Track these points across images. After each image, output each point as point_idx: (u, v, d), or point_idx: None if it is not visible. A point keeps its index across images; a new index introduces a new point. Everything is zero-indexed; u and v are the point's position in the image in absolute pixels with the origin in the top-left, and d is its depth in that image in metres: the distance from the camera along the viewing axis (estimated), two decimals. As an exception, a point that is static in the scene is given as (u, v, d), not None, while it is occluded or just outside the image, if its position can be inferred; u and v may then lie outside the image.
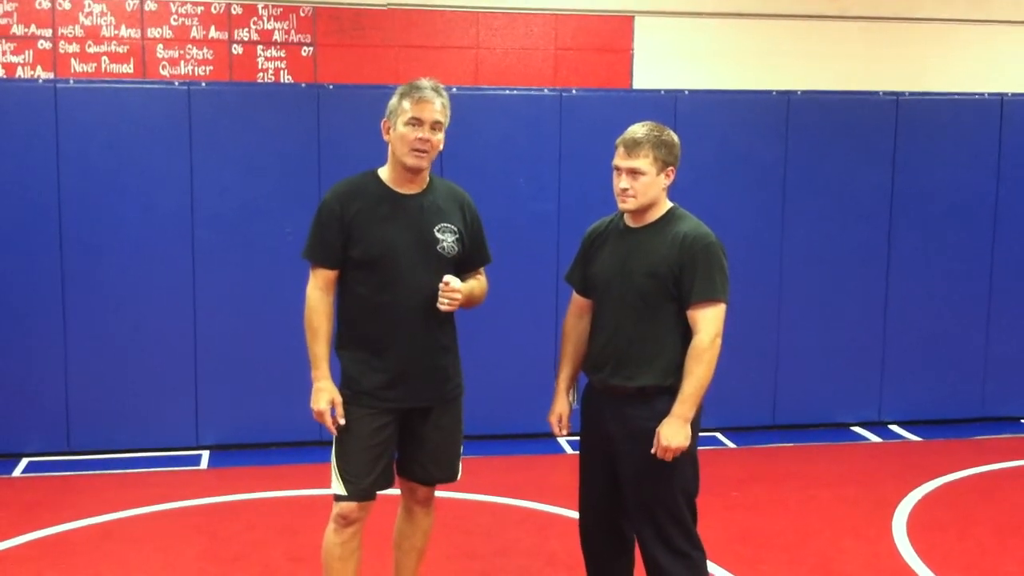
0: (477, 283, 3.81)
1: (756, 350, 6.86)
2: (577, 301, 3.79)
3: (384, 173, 3.67)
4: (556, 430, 3.81)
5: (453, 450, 3.86)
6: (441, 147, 3.64)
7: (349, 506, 3.62)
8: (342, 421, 3.58)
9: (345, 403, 3.61)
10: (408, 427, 3.71)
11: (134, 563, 4.72)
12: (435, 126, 3.57)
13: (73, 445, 6.27)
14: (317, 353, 3.60)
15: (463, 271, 3.73)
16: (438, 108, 3.57)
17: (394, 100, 3.61)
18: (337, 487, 3.63)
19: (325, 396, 3.58)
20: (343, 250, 3.56)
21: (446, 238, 3.64)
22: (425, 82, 3.60)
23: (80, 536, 5.06)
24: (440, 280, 3.55)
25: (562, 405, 3.82)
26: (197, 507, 5.46)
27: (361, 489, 3.62)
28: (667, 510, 3.49)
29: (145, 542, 4.98)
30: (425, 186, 3.68)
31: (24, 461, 6.17)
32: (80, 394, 6.22)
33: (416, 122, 3.53)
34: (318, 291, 3.61)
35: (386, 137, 3.64)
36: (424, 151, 3.55)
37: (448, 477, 3.86)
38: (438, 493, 3.94)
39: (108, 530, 5.13)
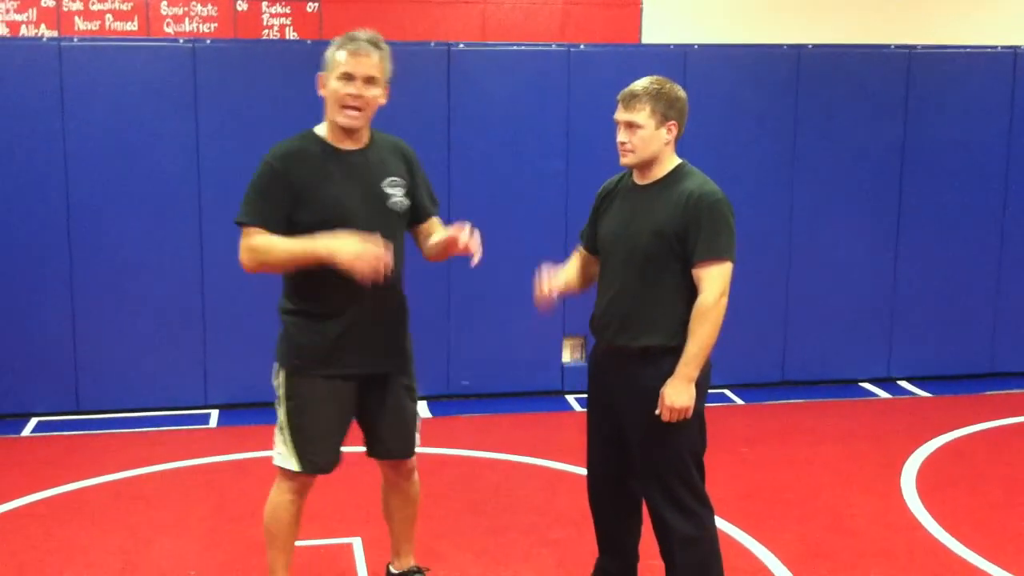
0: (442, 233, 3.58)
1: (765, 307, 6.84)
2: (582, 253, 3.76)
3: (323, 131, 3.45)
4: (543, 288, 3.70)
5: (412, 421, 3.69)
6: (382, 102, 3.42)
7: (308, 479, 3.53)
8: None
9: (296, 374, 3.44)
10: (363, 403, 3.55)
11: (144, 521, 4.74)
12: (369, 81, 3.33)
13: (82, 405, 6.29)
14: (296, 247, 3.28)
15: (415, 224, 3.59)
16: (374, 62, 3.33)
17: (329, 51, 3.37)
18: (290, 462, 3.48)
19: (346, 240, 3.24)
20: (289, 214, 3.33)
21: (395, 192, 3.47)
22: (362, 33, 3.36)
23: (90, 495, 5.08)
24: (396, 241, 3.40)
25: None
26: (206, 465, 5.49)
27: (320, 465, 3.51)
28: (674, 469, 3.48)
29: (155, 500, 5.01)
30: (367, 141, 3.48)
31: (33, 421, 6.19)
32: (88, 354, 6.23)
33: (348, 77, 3.30)
34: (256, 238, 3.34)
35: (321, 92, 3.40)
36: (357, 108, 3.33)
37: (408, 449, 3.68)
38: (443, 450, 3.93)
39: (118, 489, 5.16)
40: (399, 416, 3.63)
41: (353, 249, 3.22)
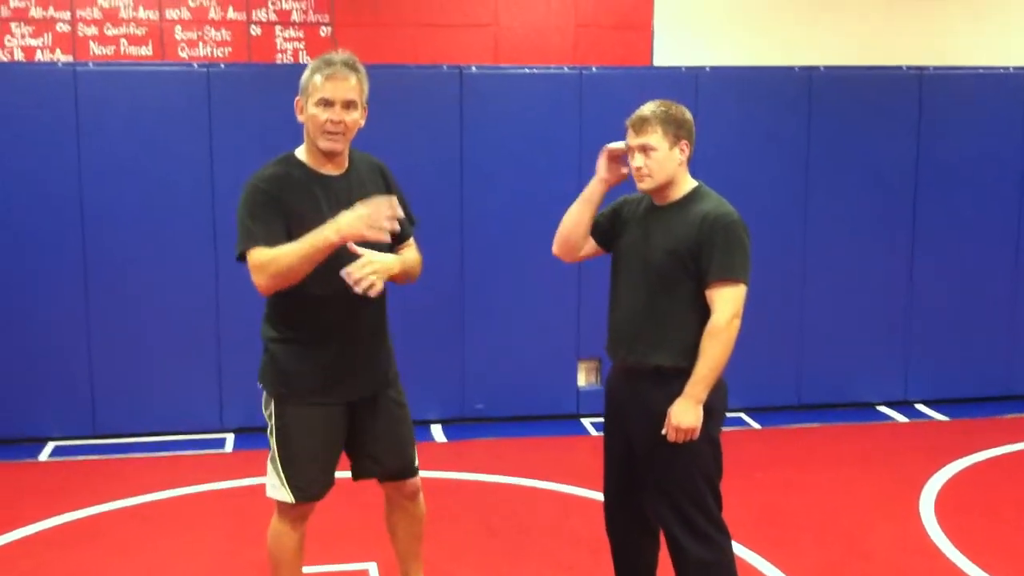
0: (410, 254, 3.53)
1: (780, 329, 6.82)
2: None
3: (303, 155, 3.39)
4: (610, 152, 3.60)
5: (409, 437, 3.63)
6: (361, 124, 3.37)
7: (306, 507, 3.49)
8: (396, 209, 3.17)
9: (284, 403, 3.40)
10: (353, 423, 3.49)
11: (161, 545, 4.74)
12: (348, 105, 3.28)
13: (98, 429, 6.29)
14: (304, 243, 3.16)
15: (395, 244, 3.49)
16: (352, 85, 3.28)
17: (306, 75, 3.31)
18: (282, 494, 3.43)
19: (347, 215, 3.16)
20: (287, 235, 3.24)
21: None
22: (338, 56, 3.31)
23: (107, 520, 5.08)
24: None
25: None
26: (222, 490, 5.48)
27: (313, 492, 3.46)
28: (686, 492, 3.46)
29: (171, 525, 5.00)
30: (347, 164, 3.42)
31: (50, 445, 6.20)
32: (105, 378, 6.24)
33: (326, 103, 3.26)
34: (265, 253, 3.23)
35: (300, 117, 3.36)
36: (337, 133, 3.29)
37: (408, 467, 3.62)
38: (458, 474, 3.90)
39: (134, 513, 5.15)
40: (394, 434, 3.57)
41: (358, 217, 3.14)
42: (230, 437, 6.34)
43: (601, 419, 3.76)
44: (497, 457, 6.00)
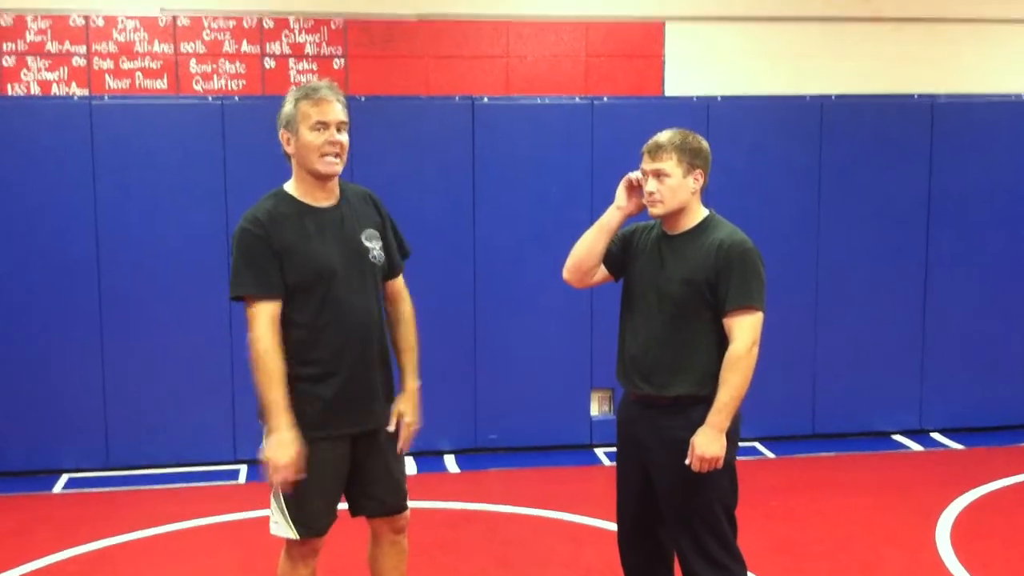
0: (410, 330, 3.62)
1: (794, 358, 6.80)
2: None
3: (293, 189, 3.40)
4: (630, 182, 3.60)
5: (402, 470, 3.62)
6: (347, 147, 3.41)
7: (315, 542, 3.47)
8: (303, 476, 3.28)
9: None
10: (354, 458, 3.47)
11: (173, 578, 4.74)
12: (340, 127, 3.32)
13: (112, 461, 6.30)
14: (276, 399, 3.25)
15: (386, 279, 3.54)
16: (340, 107, 3.33)
17: (288, 108, 3.34)
18: (287, 531, 3.42)
19: (292, 447, 3.25)
20: (280, 276, 3.28)
21: (374, 246, 3.44)
22: (321, 83, 3.36)
23: (120, 551, 5.08)
24: (376, 293, 3.43)
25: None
26: (235, 521, 5.48)
27: (316, 531, 3.44)
28: (704, 522, 3.45)
29: (184, 557, 5.00)
30: (339, 194, 3.44)
31: (64, 477, 6.21)
32: (118, 410, 6.26)
33: (322, 126, 3.29)
34: (269, 332, 3.27)
35: (288, 150, 3.36)
36: (336, 154, 3.32)
37: (403, 501, 3.61)
38: (471, 504, 3.89)
39: (147, 545, 5.15)
40: (392, 471, 3.56)
41: (281, 455, 3.25)
42: (243, 468, 6.35)
43: (614, 448, 3.75)
44: (510, 487, 5.98)
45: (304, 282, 3.30)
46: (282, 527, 3.44)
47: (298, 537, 3.42)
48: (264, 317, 3.28)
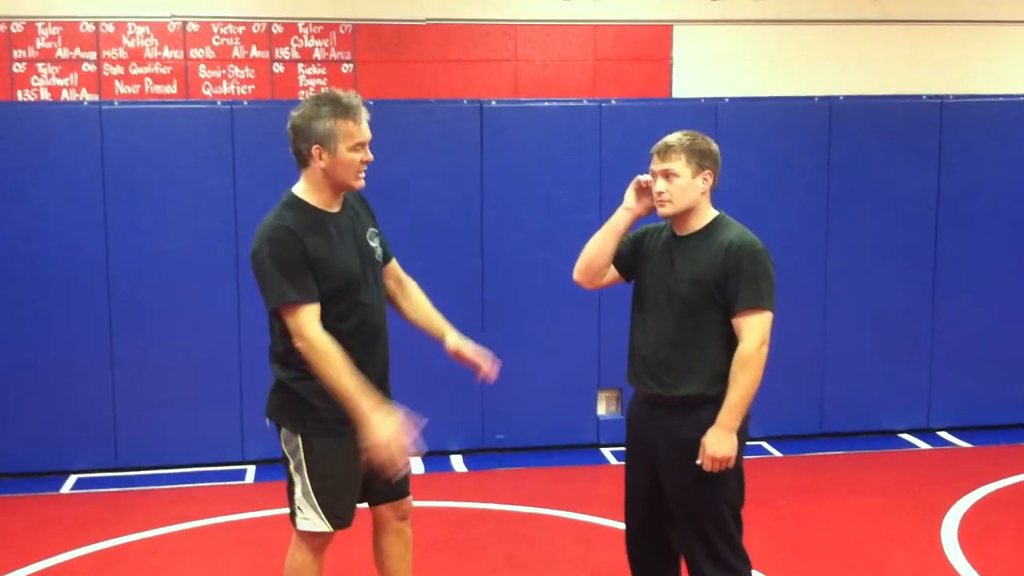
0: (422, 294, 3.73)
1: (802, 357, 6.79)
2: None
3: (309, 196, 3.45)
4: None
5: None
6: None
7: (331, 536, 3.53)
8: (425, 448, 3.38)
9: (312, 437, 3.44)
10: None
11: (182, 577, 4.76)
12: (368, 144, 3.46)
13: (120, 462, 6.33)
14: (352, 385, 3.26)
15: (384, 262, 3.64)
16: (369, 123, 3.45)
17: (326, 125, 3.34)
18: (319, 524, 3.47)
19: (393, 419, 3.27)
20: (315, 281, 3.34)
21: (376, 244, 3.55)
22: (354, 99, 3.41)
23: (128, 551, 5.11)
24: (382, 290, 3.53)
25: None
26: (243, 521, 5.50)
27: (346, 523, 3.53)
28: (712, 522, 3.46)
29: (192, 557, 5.03)
30: (342, 198, 3.53)
31: (73, 478, 6.24)
32: (127, 411, 6.29)
33: (361, 146, 3.40)
34: (320, 329, 3.29)
35: (319, 163, 3.38)
36: (364, 171, 3.46)
37: (407, 484, 3.70)
38: (479, 504, 3.91)
39: (156, 545, 5.18)
40: None
41: (388, 431, 3.24)
42: (251, 469, 6.37)
43: (622, 448, 3.76)
44: (518, 487, 6.00)
45: (335, 289, 3.36)
46: (312, 522, 3.48)
47: (331, 530, 3.49)
48: (312, 319, 3.30)
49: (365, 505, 3.70)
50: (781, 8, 8.05)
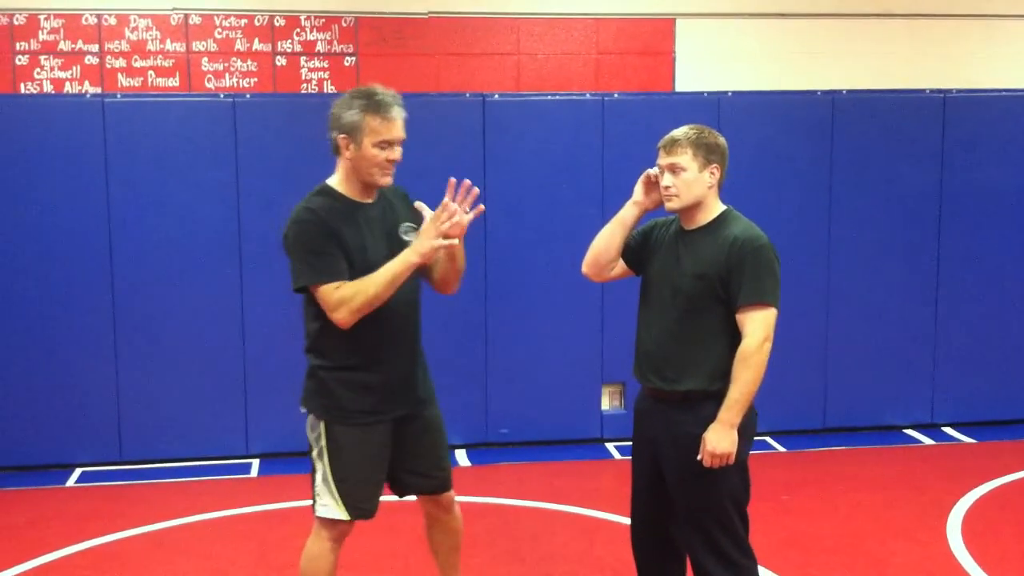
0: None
1: (805, 353, 6.79)
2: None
3: (341, 186, 3.52)
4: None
5: (446, 450, 3.78)
6: None
7: (350, 526, 3.57)
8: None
9: (334, 424, 3.50)
10: (397, 440, 3.60)
11: (186, 571, 4.76)
12: (401, 143, 3.47)
13: (125, 455, 6.34)
14: (381, 279, 3.34)
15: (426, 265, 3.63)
16: (402, 123, 3.46)
17: (354, 116, 3.40)
18: (336, 512, 3.51)
19: (419, 237, 3.39)
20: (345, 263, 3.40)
21: (411, 239, 3.53)
22: (388, 97, 3.43)
23: (133, 545, 5.11)
24: (412, 284, 3.52)
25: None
26: (247, 515, 5.51)
27: (366, 512, 3.57)
28: (715, 517, 3.46)
29: (197, 550, 5.03)
30: (377, 192, 3.57)
31: (77, 472, 6.24)
32: (131, 405, 6.29)
33: (387, 144, 3.42)
34: (343, 290, 3.35)
35: (345, 154, 3.45)
36: (392, 169, 3.48)
37: (447, 480, 3.75)
38: (482, 499, 3.93)
39: (160, 539, 5.19)
40: (436, 449, 3.71)
41: (426, 233, 3.37)
42: (255, 463, 6.38)
43: (625, 443, 3.78)
44: (521, 482, 6.00)
45: (353, 277, 3.39)
46: (330, 509, 3.53)
47: (348, 518, 3.53)
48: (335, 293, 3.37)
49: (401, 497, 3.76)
50: (784, 2, 8.03)
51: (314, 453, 3.56)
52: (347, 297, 3.34)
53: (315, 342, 3.54)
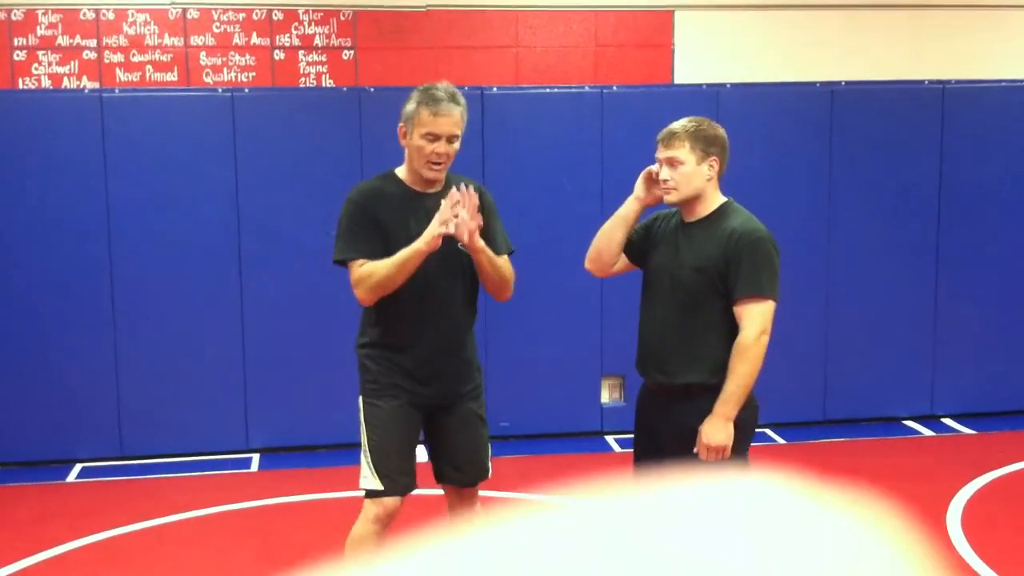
0: (501, 259, 3.73)
1: (805, 345, 6.79)
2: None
3: (403, 173, 3.67)
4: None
5: (482, 449, 3.83)
6: (458, 149, 3.62)
7: (392, 501, 3.60)
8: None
9: (371, 399, 3.64)
10: (433, 430, 3.75)
11: (187, 566, 4.76)
12: (451, 139, 3.54)
13: (125, 450, 6.34)
14: (396, 261, 3.42)
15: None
16: (456, 119, 3.53)
17: (411, 107, 3.54)
18: (372, 482, 3.60)
19: (431, 227, 3.43)
20: (383, 246, 3.51)
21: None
22: (442, 91, 3.51)
23: (133, 540, 5.11)
24: (463, 280, 3.60)
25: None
26: (248, 509, 5.51)
27: (401, 484, 3.62)
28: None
29: (197, 545, 5.03)
30: (443, 184, 3.64)
31: (77, 467, 6.25)
32: (131, 400, 6.29)
33: (433, 137, 3.49)
34: (365, 269, 3.50)
35: (403, 142, 3.60)
36: (440, 163, 3.55)
37: (480, 476, 3.84)
38: (482, 492, 3.95)
39: (161, 533, 5.19)
40: (469, 444, 3.77)
41: (433, 222, 3.40)
42: (256, 457, 6.38)
43: (626, 436, 3.77)
44: (522, 475, 6.00)
45: None
46: (368, 479, 3.63)
47: (382, 487, 3.58)
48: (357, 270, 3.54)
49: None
50: (783, -7, 8.03)
51: (360, 426, 3.69)
52: (364, 276, 3.49)
53: (362, 318, 3.72)
